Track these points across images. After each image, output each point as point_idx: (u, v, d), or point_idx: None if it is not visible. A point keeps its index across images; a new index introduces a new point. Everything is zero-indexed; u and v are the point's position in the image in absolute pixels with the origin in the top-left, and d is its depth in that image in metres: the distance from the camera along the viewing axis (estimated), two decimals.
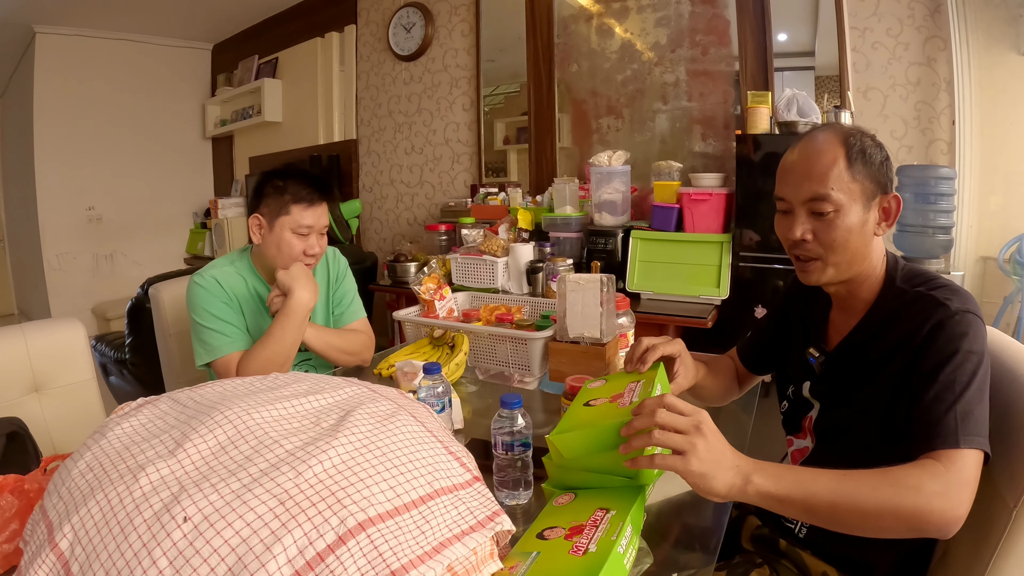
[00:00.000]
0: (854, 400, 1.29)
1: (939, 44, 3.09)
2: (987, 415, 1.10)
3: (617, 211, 3.48)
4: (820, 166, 1.24)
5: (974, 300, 1.19)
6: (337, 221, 4.77)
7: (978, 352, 1.12)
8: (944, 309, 1.16)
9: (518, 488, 1.29)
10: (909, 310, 1.21)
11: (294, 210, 1.97)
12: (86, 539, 0.81)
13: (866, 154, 1.24)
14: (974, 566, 1.12)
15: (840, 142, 1.24)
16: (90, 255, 6.19)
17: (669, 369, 1.47)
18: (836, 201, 1.23)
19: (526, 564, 0.94)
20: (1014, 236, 2.96)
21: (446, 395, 1.52)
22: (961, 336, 1.13)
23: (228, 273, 2.04)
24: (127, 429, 1.00)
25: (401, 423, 1.01)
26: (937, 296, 1.19)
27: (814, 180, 1.24)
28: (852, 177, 1.23)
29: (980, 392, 1.10)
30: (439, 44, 4.78)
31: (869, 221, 1.26)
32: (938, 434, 1.07)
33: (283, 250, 1.98)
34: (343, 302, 2.26)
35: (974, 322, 1.15)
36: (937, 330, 1.15)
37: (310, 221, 1.99)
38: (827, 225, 1.25)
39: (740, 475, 1.03)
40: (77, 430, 1.99)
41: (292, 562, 0.75)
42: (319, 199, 2.02)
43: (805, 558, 1.36)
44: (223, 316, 1.97)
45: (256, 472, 0.85)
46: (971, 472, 1.04)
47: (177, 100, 6.71)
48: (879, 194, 1.26)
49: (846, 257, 1.27)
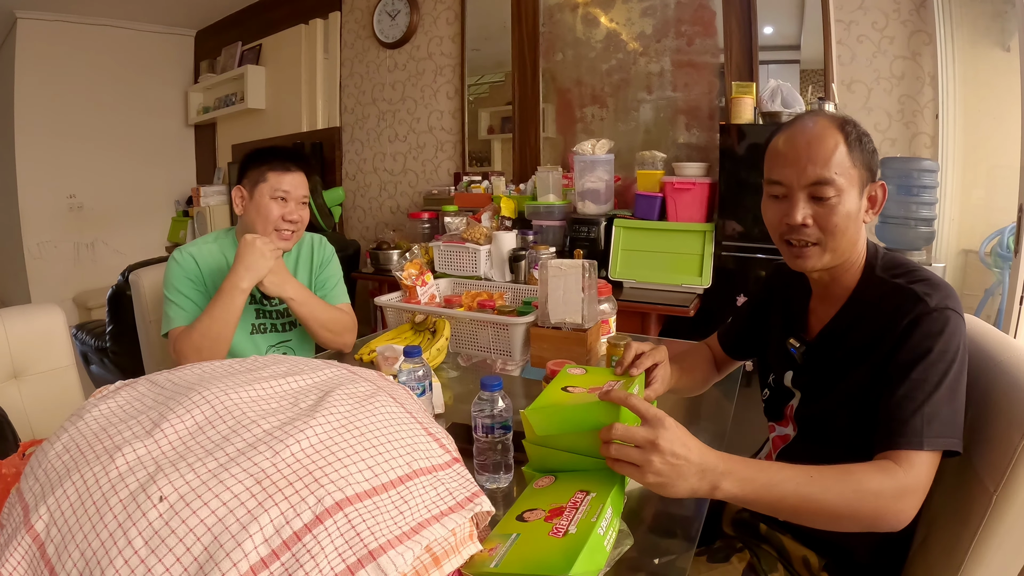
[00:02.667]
0: (834, 391, 1.29)
1: (924, 38, 3.11)
2: (959, 412, 1.11)
3: (600, 200, 3.48)
4: (824, 150, 1.23)
5: (955, 294, 1.19)
6: (320, 208, 4.75)
7: (952, 351, 1.13)
8: (923, 305, 1.16)
9: (498, 471, 1.29)
10: (888, 302, 1.22)
11: (271, 176, 2.06)
12: (61, 520, 0.80)
13: (862, 141, 1.25)
14: (955, 551, 1.13)
15: (837, 127, 1.24)
16: (71, 244, 6.13)
17: (648, 375, 1.47)
18: (839, 186, 1.22)
19: (506, 546, 0.94)
20: (995, 229, 2.98)
21: (427, 379, 1.52)
22: (937, 334, 1.14)
23: (210, 250, 2.12)
24: (104, 411, 0.99)
25: (380, 404, 1.00)
26: (917, 290, 1.18)
27: (818, 164, 1.23)
28: (852, 162, 1.23)
29: (951, 392, 1.11)
30: (424, 32, 4.76)
31: (861, 208, 1.26)
32: (903, 434, 1.09)
33: (262, 214, 2.06)
34: (326, 285, 2.26)
35: (952, 319, 1.15)
36: (913, 326, 1.16)
37: (287, 186, 2.07)
38: (828, 210, 1.24)
39: (706, 482, 1.04)
40: (56, 417, 1.96)
41: (268, 541, 0.74)
42: (295, 168, 2.11)
43: (785, 542, 1.37)
44: (185, 291, 2.02)
45: (233, 452, 0.84)
46: (928, 473, 1.08)
47: (159, 87, 6.65)
48: (869, 181, 1.27)
49: (843, 243, 1.26)
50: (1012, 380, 1.13)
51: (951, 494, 1.21)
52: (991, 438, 1.12)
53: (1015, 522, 1.06)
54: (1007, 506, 1.06)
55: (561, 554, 0.88)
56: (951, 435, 1.09)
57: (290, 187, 2.07)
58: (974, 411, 1.19)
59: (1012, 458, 1.04)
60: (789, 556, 1.36)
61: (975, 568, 1.10)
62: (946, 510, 1.21)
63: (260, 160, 2.10)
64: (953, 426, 1.10)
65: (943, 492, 1.24)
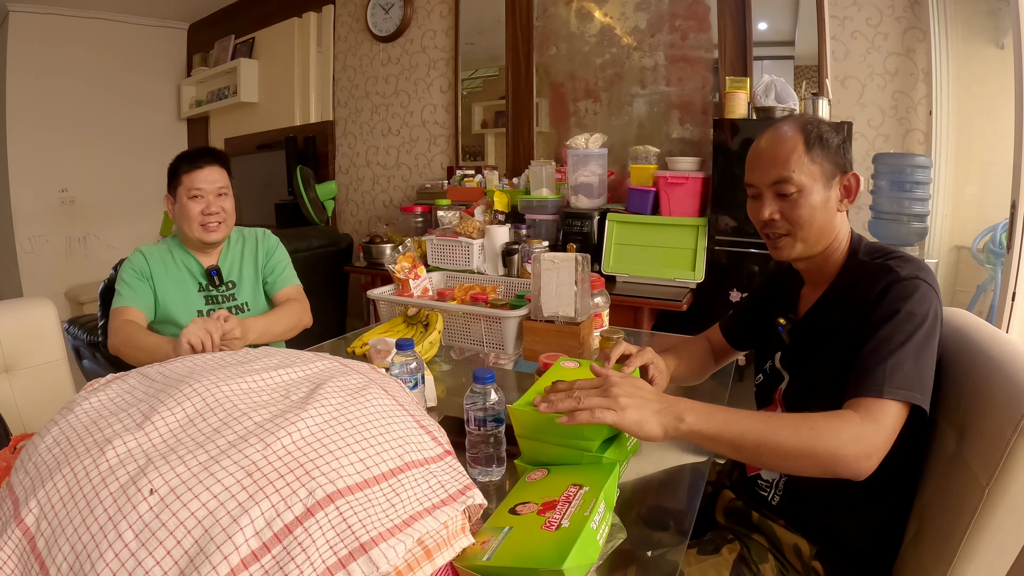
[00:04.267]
0: (817, 365, 1.36)
1: (918, 35, 3.11)
2: (925, 371, 1.17)
3: (593, 194, 3.48)
4: (783, 152, 1.36)
5: (928, 270, 1.26)
6: (312, 203, 4.74)
7: (921, 314, 1.19)
8: (894, 275, 1.24)
9: (491, 465, 1.29)
10: (866, 278, 1.30)
11: (184, 178, 2.15)
12: (52, 513, 0.80)
13: (823, 139, 1.35)
14: (947, 544, 1.13)
15: (798, 130, 1.36)
16: (63, 238, 6.10)
17: (645, 375, 1.56)
18: (798, 182, 1.34)
19: (498, 539, 0.93)
20: (988, 226, 2.99)
21: (419, 371, 1.51)
22: (905, 298, 1.21)
23: (159, 249, 2.23)
24: (95, 404, 0.99)
25: (372, 396, 1.00)
26: (890, 264, 1.27)
27: (778, 165, 1.36)
28: (811, 160, 1.34)
29: (918, 350, 1.17)
30: (417, 25, 4.75)
31: (831, 199, 1.37)
32: (865, 384, 1.16)
33: (184, 214, 2.15)
34: (274, 272, 2.35)
35: (921, 287, 1.22)
36: (884, 292, 1.23)
37: (200, 183, 2.14)
38: (791, 204, 1.36)
39: (672, 414, 1.13)
40: (48, 411, 1.93)
41: (259, 534, 0.74)
42: (205, 163, 2.17)
43: (777, 530, 1.39)
44: (129, 281, 2.12)
45: (224, 444, 0.84)
46: (889, 421, 1.13)
47: (152, 80, 6.61)
48: (838, 174, 1.37)
49: (813, 232, 1.37)
50: (1004, 375, 1.13)
51: (943, 487, 1.22)
52: (983, 432, 1.13)
53: (1007, 515, 1.07)
54: (999, 499, 1.06)
55: (554, 547, 0.88)
56: (914, 389, 1.14)
57: (203, 183, 2.15)
58: (966, 405, 1.20)
59: (1004, 452, 1.05)
60: (780, 545, 1.38)
61: (967, 561, 1.11)
62: (939, 503, 1.22)
63: (174, 164, 2.20)
64: (918, 382, 1.15)
65: (936, 485, 1.25)
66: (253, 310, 2.28)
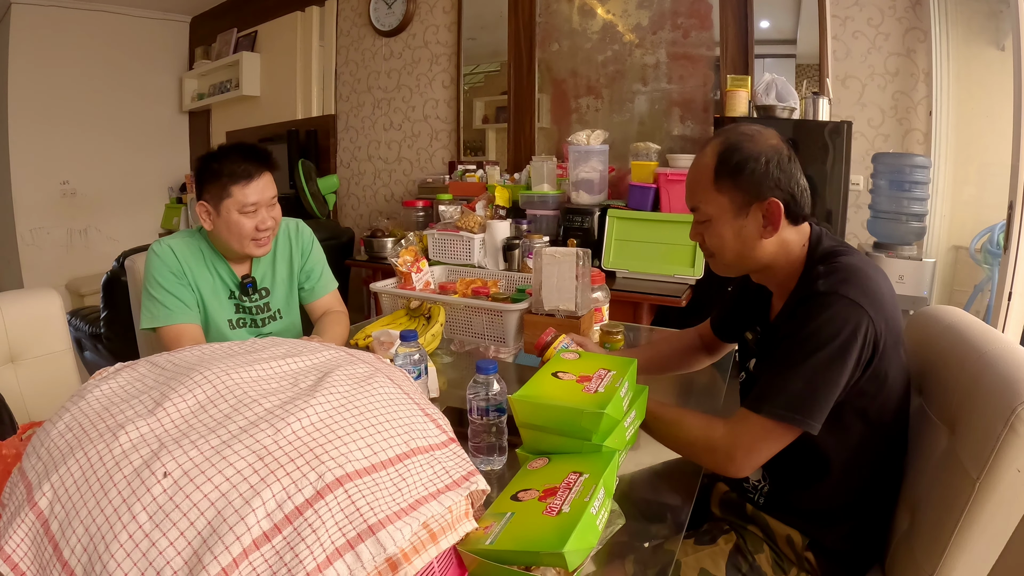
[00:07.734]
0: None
1: (919, 36, 3.13)
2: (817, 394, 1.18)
3: (594, 190, 3.49)
4: (692, 181, 1.38)
5: (857, 281, 1.22)
6: (314, 196, 4.75)
7: (828, 334, 1.18)
8: (812, 287, 1.23)
9: (493, 454, 1.31)
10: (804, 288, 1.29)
11: (235, 191, 1.89)
12: (65, 497, 0.82)
13: (739, 166, 1.29)
14: (939, 537, 1.15)
15: (715, 154, 1.32)
16: (64, 230, 6.08)
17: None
18: (705, 212, 1.35)
19: (500, 524, 0.96)
20: (986, 226, 3.01)
21: (422, 363, 1.53)
22: (812, 317, 1.20)
23: (186, 243, 2.01)
24: (106, 391, 1.00)
25: (378, 384, 1.02)
26: (816, 274, 1.26)
27: (689, 193, 1.39)
28: (719, 191, 1.32)
29: (812, 372, 1.18)
30: (420, 20, 4.75)
31: (747, 227, 1.32)
32: (750, 397, 1.24)
33: (234, 231, 1.92)
34: (312, 276, 2.22)
35: (835, 304, 1.19)
36: (798, 305, 1.25)
37: (254, 198, 1.91)
38: (705, 230, 1.37)
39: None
40: (53, 401, 1.94)
41: (271, 516, 0.76)
42: (257, 171, 1.93)
43: (770, 521, 1.41)
44: (170, 288, 1.93)
45: (235, 429, 0.86)
46: (754, 434, 1.21)
47: (154, 73, 6.60)
48: (755, 202, 1.30)
49: (730, 258, 1.37)
50: (996, 372, 1.15)
51: (935, 481, 1.24)
52: (975, 427, 1.15)
53: (997, 509, 1.09)
54: (989, 493, 1.08)
55: (555, 532, 0.90)
56: (795, 411, 1.17)
57: (258, 197, 1.92)
58: (958, 401, 1.23)
59: (994, 446, 1.07)
60: (774, 536, 1.40)
61: (958, 553, 1.13)
62: (930, 497, 1.24)
63: (215, 169, 1.91)
64: (800, 404, 1.17)
65: (927, 479, 1.27)
66: (286, 317, 2.17)
